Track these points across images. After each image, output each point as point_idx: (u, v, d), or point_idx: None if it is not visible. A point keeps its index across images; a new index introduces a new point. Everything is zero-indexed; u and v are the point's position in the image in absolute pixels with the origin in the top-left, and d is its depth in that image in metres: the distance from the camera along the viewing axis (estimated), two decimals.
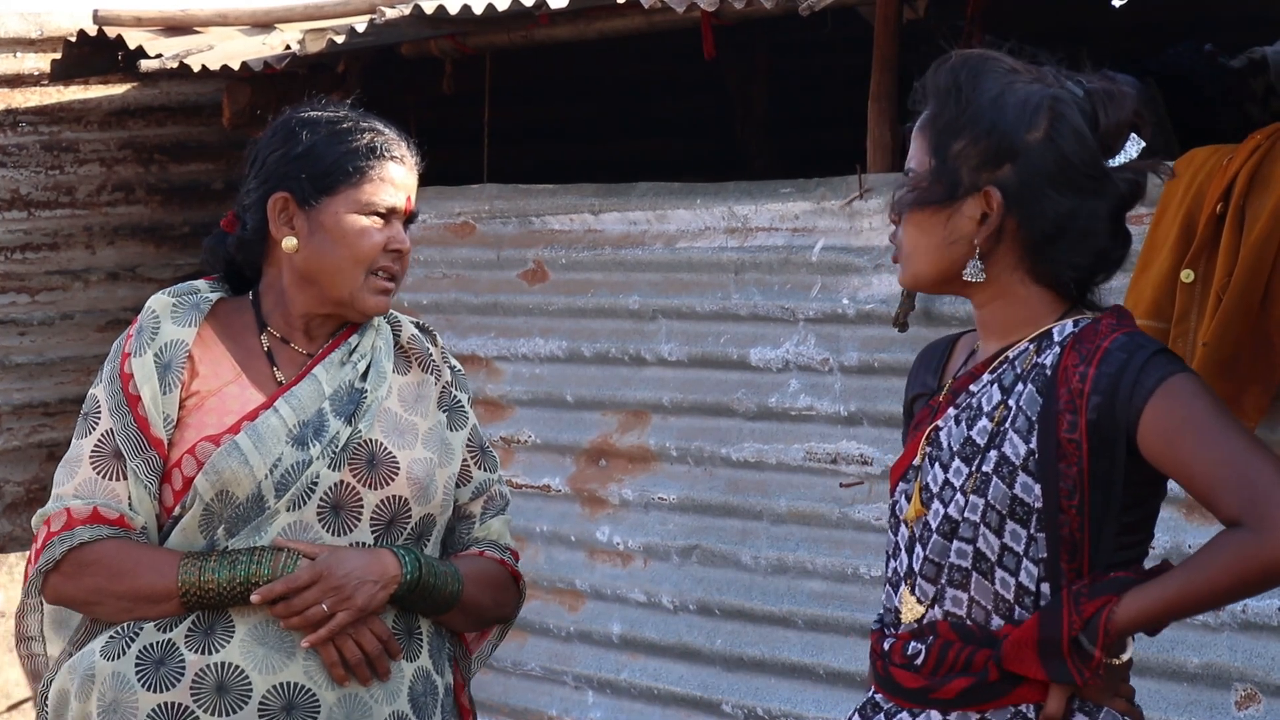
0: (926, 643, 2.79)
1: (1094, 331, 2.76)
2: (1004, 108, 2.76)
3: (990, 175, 2.76)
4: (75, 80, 7.80)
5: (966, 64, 2.81)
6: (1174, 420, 2.68)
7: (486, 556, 3.40)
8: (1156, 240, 4.58)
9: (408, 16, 6.48)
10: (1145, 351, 2.72)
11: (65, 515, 3.19)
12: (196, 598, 3.15)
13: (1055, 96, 2.77)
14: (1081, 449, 2.71)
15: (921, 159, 2.81)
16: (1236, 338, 4.36)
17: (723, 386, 5.82)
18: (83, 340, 8.05)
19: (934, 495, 2.80)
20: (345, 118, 3.30)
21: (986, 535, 2.75)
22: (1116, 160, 2.78)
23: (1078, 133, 2.76)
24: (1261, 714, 4.58)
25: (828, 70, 8.30)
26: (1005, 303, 2.82)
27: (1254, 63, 6.52)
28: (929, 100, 2.82)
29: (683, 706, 5.86)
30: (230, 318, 3.31)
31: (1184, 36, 6.95)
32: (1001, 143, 2.75)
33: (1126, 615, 2.70)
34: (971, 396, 2.82)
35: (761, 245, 5.75)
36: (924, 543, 2.81)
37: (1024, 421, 2.75)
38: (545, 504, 6.27)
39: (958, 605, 2.78)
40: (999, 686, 2.75)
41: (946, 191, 2.77)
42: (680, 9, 5.64)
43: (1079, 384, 2.72)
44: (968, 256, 2.79)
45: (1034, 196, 2.75)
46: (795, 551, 5.60)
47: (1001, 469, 2.74)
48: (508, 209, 6.47)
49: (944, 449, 2.81)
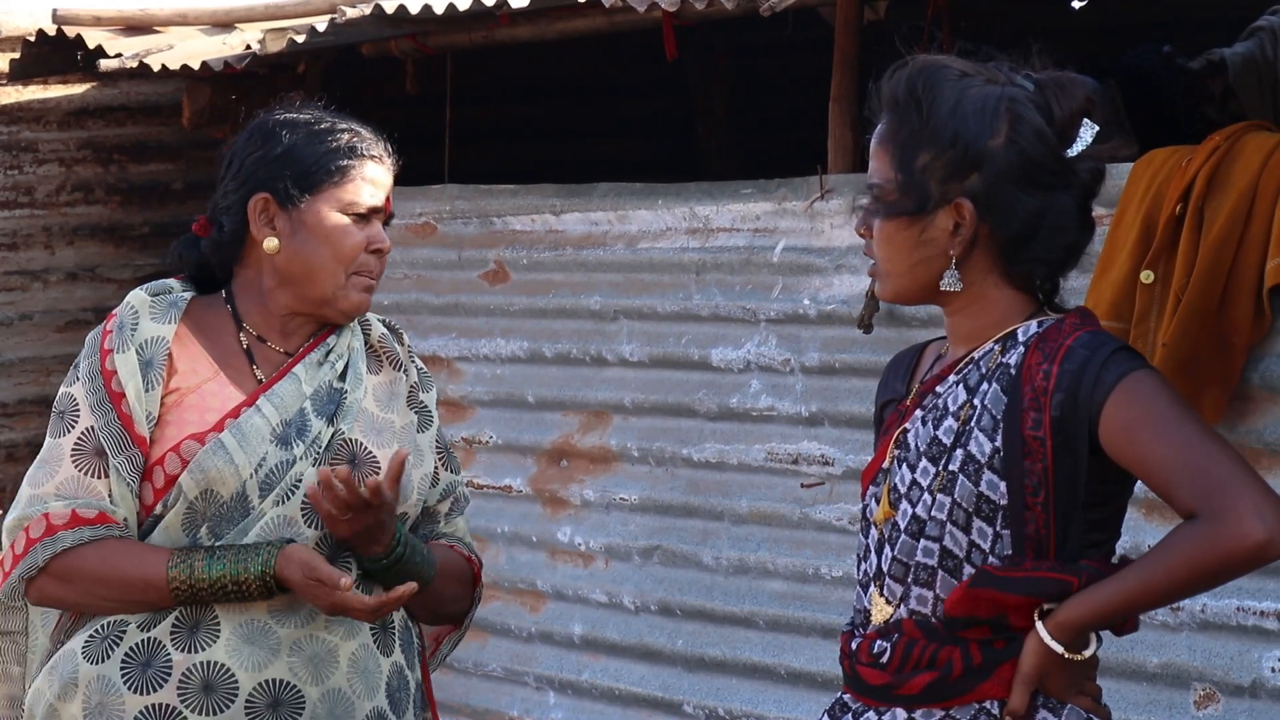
0: (892, 641, 2.80)
1: (1057, 330, 2.77)
2: (964, 116, 2.76)
3: (959, 186, 2.77)
4: (34, 80, 7.78)
5: (922, 74, 2.80)
6: (1133, 415, 2.69)
7: (456, 550, 3.41)
8: (1116, 241, 4.59)
9: (368, 16, 6.47)
10: (1107, 348, 2.74)
11: (44, 522, 3.17)
12: (187, 593, 3.14)
13: (1010, 97, 2.77)
14: (1046, 446, 2.72)
15: (886, 172, 2.81)
16: (1195, 338, 4.38)
17: (684, 387, 5.82)
18: (42, 341, 8.02)
19: (902, 496, 2.81)
20: (323, 118, 3.30)
21: (954, 533, 2.76)
22: (1074, 149, 2.79)
23: (1037, 130, 2.76)
24: (1220, 714, 4.60)
25: (789, 71, 8.31)
26: (978, 308, 2.83)
27: (1212, 64, 6.54)
28: (886, 111, 2.83)
29: (644, 707, 5.86)
30: (204, 316, 3.30)
31: (1143, 38, 6.97)
32: (966, 153, 2.76)
33: (1087, 607, 2.70)
34: (938, 398, 2.83)
35: (723, 246, 5.75)
36: (892, 544, 2.82)
37: (989, 420, 2.76)
38: (506, 504, 6.26)
39: (923, 604, 2.79)
40: (962, 682, 2.76)
41: (916, 205, 2.78)
42: (641, 9, 5.64)
43: (1043, 381, 2.73)
44: (944, 267, 2.80)
45: (1003, 201, 2.76)
46: (756, 552, 5.61)
47: (967, 467, 2.75)
48: (469, 209, 6.47)
49: (911, 450, 2.82)
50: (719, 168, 8.40)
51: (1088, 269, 4.74)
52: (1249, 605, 4.55)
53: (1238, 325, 4.39)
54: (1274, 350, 4.47)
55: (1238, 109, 6.34)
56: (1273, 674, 4.51)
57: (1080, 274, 4.83)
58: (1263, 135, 4.53)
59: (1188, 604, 4.62)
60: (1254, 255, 4.37)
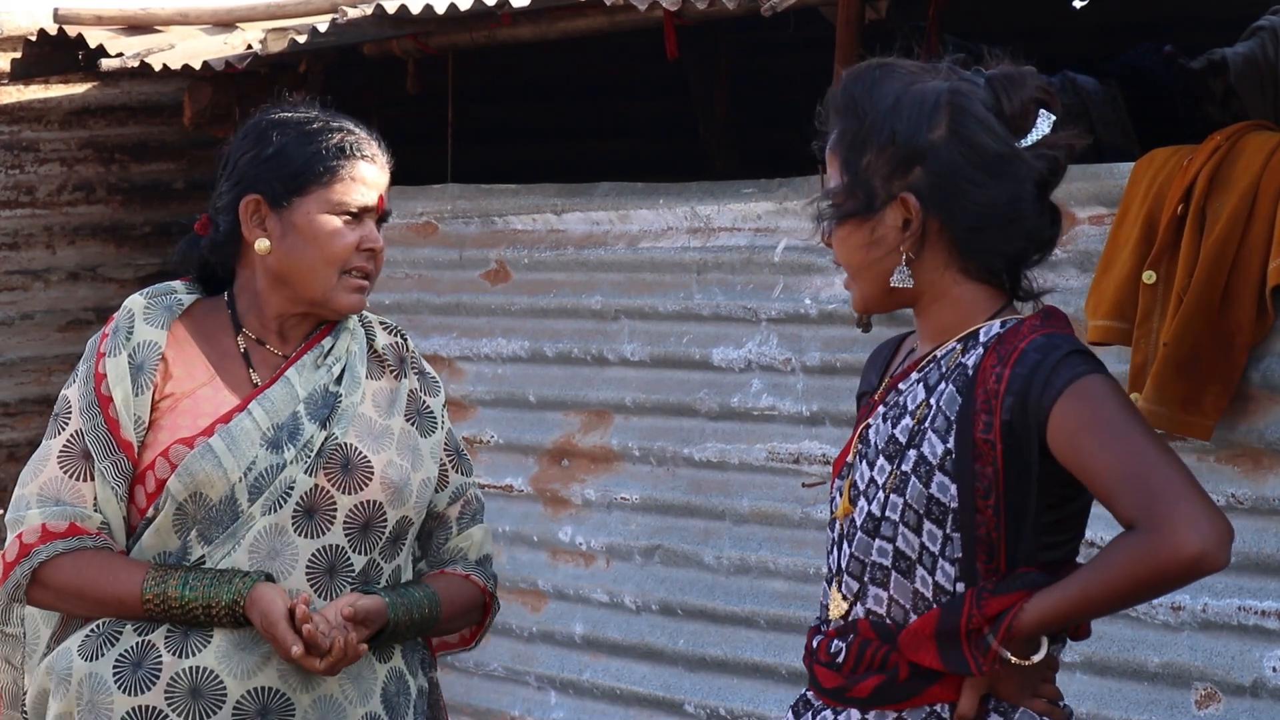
0: (847, 641, 2.80)
1: (1015, 333, 2.76)
2: (902, 112, 2.76)
3: (903, 182, 2.76)
4: (35, 79, 7.78)
5: (860, 77, 2.82)
6: (1080, 421, 2.68)
7: (470, 581, 3.39)
8: (1118, 241, 4.59)
9: (370, 16, 6.47)
10: (1059, 352, 2.72)
11: (18, 543, 3.18)
12: (161, 612, 3.15)
13: (953, 89, 2.77)
14: (996, 449, 2.71)
15: (836, 178, 2.82)
16: (1197, 338, 4.38)
17: (685, 386, 5.82)
18: (43, 340, 8.02)
19: (860, 493, 2.81)
20: (315, 118, 3.29)
21: (906, 534, 2.76)
22: (1030, 139, 2.78)
23: (981, 121, 2.75)
24: (1221, 713, 4.60)
25: (790, 71, 8.31)
26: (940, 305, 2.82)
27: (1214, 64, 6.55)
28: (832, 119, 2.84)
29: (645, 707, 5.86)
30: (205, 319, 3.30)
31: (1144, 37, 6.98)
32: (906, 147, 2.75)
33: (1031, 616, 2.69)
34: (900, 395, 2.83)
35: (724, 245, 5.75)
36: (850, 540, 2.82)
37: (943, 421, 2.75)
38: (508, 504, 6.26)
39: (879, 604, 2.79)
40: (910, 685, 2.75)
41: (864, 204, 2.78)
42: (643, 8, 5.64)
43: (995, 384, 2.72)
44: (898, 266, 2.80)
45: (950, 193, 2.75)
46: (758, 551, 5.61)
47: (919, 468, 2.74)
48: (470, 209, 6.47)
49: (871, 447, 2.82)
50: (720, 167, 8.40)
51: (1088, 268, 4.74)
52: (1250, 605, 4.55)
53: (1239, 325, 4.39)
54: (1275, 350, 4.47)
55: (1239, 109, 6.35)
56: (1274, 674, 4.51)
57: (1081, 274, 4.85)
58: (1264, 135, 4.53)
59: (1189, 603, 4.62)
60: (1255, 255, 4.37)
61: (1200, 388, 4.41)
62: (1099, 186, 4.84)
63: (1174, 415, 4.41)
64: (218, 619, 3.14)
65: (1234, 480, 4.56)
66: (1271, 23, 6.55)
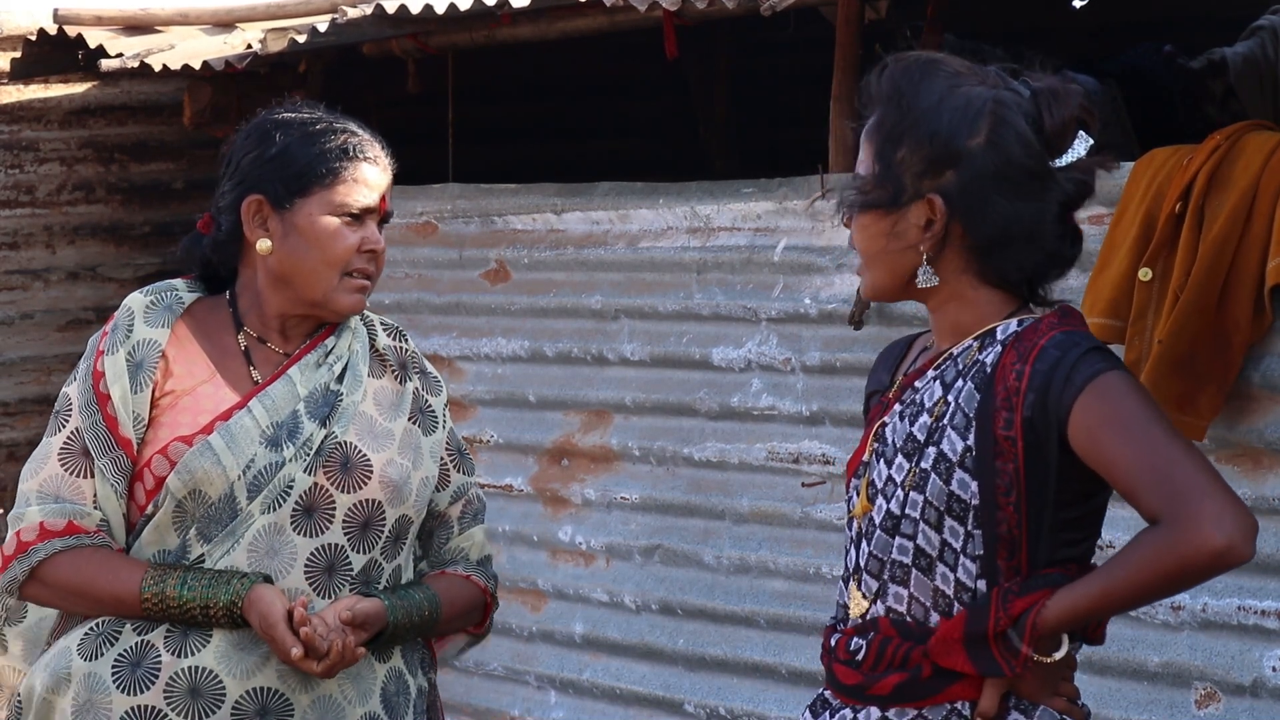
0: (868, 639, 2.81)
1: (1034, 330, 2.77)
2: (945, 114, 2.75)
3: (933, 182, 2.76)
4: (35, 79, 7.78)
5: (909, 69, 2.80)
6: (1101, 417, 2.69)
7: (471, 581, 3.39)
8: (1116, 239, 4.60)
9: (369, 16, 6.47)
10: (1079, 349, 2.73)
11: (15, 541, 3.19)
12: (159, 611, 3.15)
13: (997, 99, 2.76)
14: (1017, 446, 2.72)
15: (868, 164, 2.82)
16: (1193, 336, 4.39)
17: (685, 386, 5.82)
18: (43, 340, 8.02)
19: (879, 491, 2.81)
20: (319, 119, 3.29)
21: (926, 531, 2.76)
22: (1065, 159, 2.78)
23: (1020, 136, 2.75)
24: (1221, 713, 4.60)
25: (790, 70, 8.32)
26: (957, 305, 2.82)
27: (1213, 64, 6.54)
28: (873, 105, 2.83)
29: (645, 706, 5.86)
30: (206, 317, 3.30)
31: (1144, 37, 6.98)
32: (943, 150, 2.75)
33: (1054, 613, 2.70)
34: (916, 393, 2.83)
35: (724, 245, 5.75)
36: (869, 538, 2.82)
37: (962, 418, 2.75)
38: (507, 504, 6.27)
39: (899, 601, 2.79)
40: (932, 683, 2.75)
41: (890, 197, 2.78)
42: (642, 8, 5.64)
43: (1015, 381, 2.72)
44: (916, 263, 2.80)
45: (977, 202, 2.75)
46: (757, 551, 5.61)
47: (939, 465, 2.75)
48: (470, 209, 6.47)
49: (889, 445, 2.82)
50: (720, 167, 8.40)
51: (1086, 266, 4.74)
52: (1250, 605, 4.55)
53: (1237, 323, 4.39)
54: (1274, 349, 4.47)
55: (1238, 108, 6.35)
56: (1273, 673, 4.51)
57: (1079, 271, 4.84)
58: (1264, 135, 4.53)
59: (1189, 603, 4.62)
60: (1254, 254, 4.38)
61: (1196, 387, 4.41)
62: (1098, 186, 4.81)
63: (1168, 414, 4.41)
64: (216, 620, 3.14)
65: (1234, 480, 4.55)
66: (1271, 23, 6.55)
